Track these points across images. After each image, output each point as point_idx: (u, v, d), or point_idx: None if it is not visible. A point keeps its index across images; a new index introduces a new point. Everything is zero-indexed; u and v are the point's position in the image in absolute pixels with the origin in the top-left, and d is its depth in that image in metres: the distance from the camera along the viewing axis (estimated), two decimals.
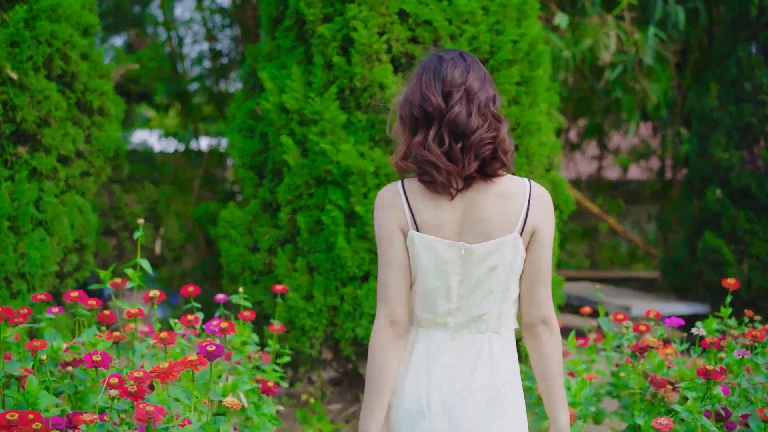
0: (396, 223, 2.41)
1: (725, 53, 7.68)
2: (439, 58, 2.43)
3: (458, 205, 2.37)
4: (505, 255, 2.37)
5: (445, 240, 2.37)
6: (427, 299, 2.42)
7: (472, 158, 2.35)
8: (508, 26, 4.85)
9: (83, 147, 4.98)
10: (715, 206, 7.48)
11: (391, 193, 2.42)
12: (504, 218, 2.36)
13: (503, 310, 2.42)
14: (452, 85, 2.37)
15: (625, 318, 3.94)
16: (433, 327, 2.43)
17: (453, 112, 2.35)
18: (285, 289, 3.87)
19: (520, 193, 2.38)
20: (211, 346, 2.64)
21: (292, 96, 4.82)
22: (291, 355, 4.90)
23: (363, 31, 4.65)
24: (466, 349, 2.41)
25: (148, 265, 3.75)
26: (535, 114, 4.89)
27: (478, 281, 2.38)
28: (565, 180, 5.34)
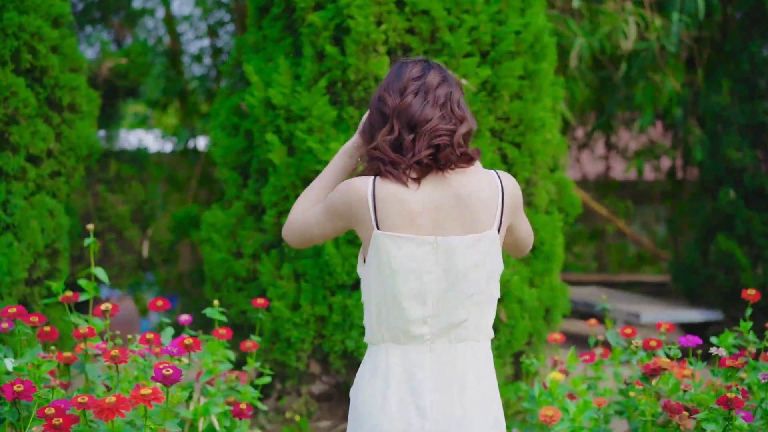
0: (349, 217, 2.24)
1: (738, 49, 7.35)
2: (402, 63, 2.36)
3: (429, 198, 2.20)
4: (487, 251, 2.22)
5: (414, 236, 2.19)
6: (396, 307, 2.21)
7: (423, 146, 2.21)
8: (511, 16, 4.53)
9: (54, 146, 4.66)
10: (728, 208, 7.14)
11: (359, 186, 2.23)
12: (483, 212, 2.22)
13: (484, 314, 2.26)
14: (409, 80, 2.29)
15: (634, 332, 3.61)
16: (406, 341, 2.22)
17: (405, 101, 2.25)
18: (266, 303, 3.54)
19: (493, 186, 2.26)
20: (168, 369, 2.32)
21: (279, 90, 4.50)
22: (277, 368, 4.58)
23: (360, 20, 4.33)
24: (448, 363, 2.22)
25: (104, 274, 3.44)
26: (539, 110, 4.56)
27: (455, 280, 2.20)
28: (572, 181, 5.01)
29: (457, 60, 4.45)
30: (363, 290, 2.29)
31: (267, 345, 4.52)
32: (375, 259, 2.21)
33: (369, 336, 2.29)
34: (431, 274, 2.19)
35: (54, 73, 4.64)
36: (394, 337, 2.22)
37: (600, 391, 3.73)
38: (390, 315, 2.21)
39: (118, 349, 2.65)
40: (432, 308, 2.20)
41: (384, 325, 2.23)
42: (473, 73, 4.43)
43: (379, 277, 2.21)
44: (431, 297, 2.19)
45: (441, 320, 2.21)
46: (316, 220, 2.34)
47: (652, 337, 3.41)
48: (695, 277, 7.52)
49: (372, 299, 2.24)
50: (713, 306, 7.37)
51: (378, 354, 2.25)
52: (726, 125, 7.28)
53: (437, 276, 2.20)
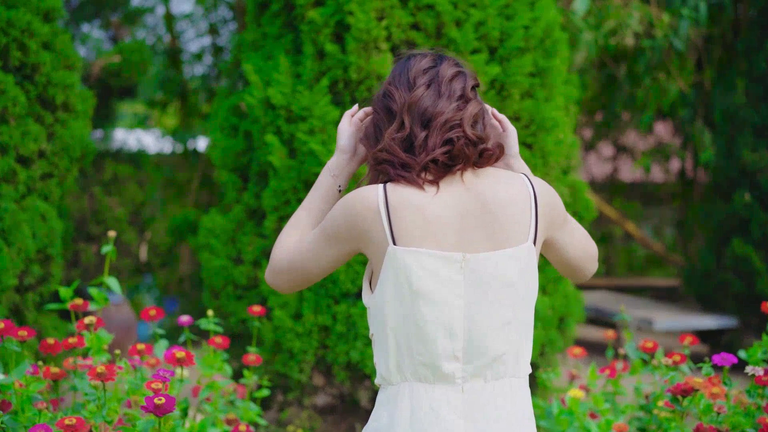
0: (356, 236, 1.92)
1: (752, 47, 7.15)
2: (409, 55, 2.06)
3: (451, 205, 1.89)
4: (524, 268, 1.90)
5: (438, 251, 1.86)
6: (421, 339, 1.86)
7: (438, 143, 1.90)
8: (520, 10, 4.33)
9: (45, 146, 4.47)
10: (743, 211, 6.94)
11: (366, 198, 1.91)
12: (514, 221, 1.91)
13: (523, 345, 1.93)
14: (419, 71, 1.99)
15: (656, 346, 3.39)
16: (434, 379, 1.88)
17: (416, 94, 1.94)
18: (263, 311, 3.34)
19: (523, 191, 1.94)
20: (160, 398, 2.11)
21: (279, 90, 4.30)
22: (278, 380, 4.39)
23: (360, 16, 4.13)
24: (485, 406, 1.87)
25: (116, 284, 3.26)
26: (552, 109, 4.37)
27: (490, 305, 1.87)
28: (586, 183, 4.81)
29: (464, 57, 4.25)
30: (373, 321, 1.94)
31: (268, 356, 4.33)
32: (391, 281, 1.87)
33: (384, 375, 1.92)
34: (460, 298, 1.87)
35: (46, 71, 4.45)
36: (419, 376, 1.88)
37: (621, 408, 3.52)
38: (413, 349, 1.87)
39: (104, 365, 2.45)
40: (463, 340, 1.87)
41: (406, 362, 1.88)
42: (481, 70, 4.23)
43: (396, 303, 1.87)
44: (461, 326, 1.87)
45: (474, 354, 1.87)
46: (312, 253, 1.97)
47: (674, 351, 3.21)
48: (709, 282, 7.31)
49: (388, 331, 1.89)
50: (728, 312, 7.17)
51: (398, 397, 1.89)
52: (740, 126, 7.08)
53: (468, 300, 1.87)
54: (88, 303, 3.05)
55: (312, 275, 2.00)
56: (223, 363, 3.12)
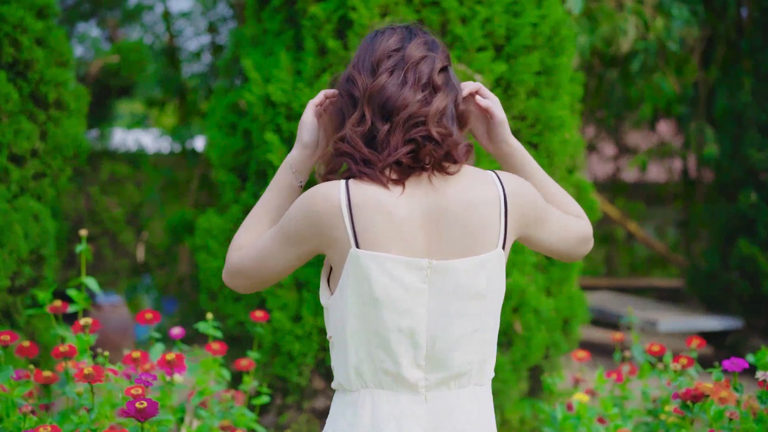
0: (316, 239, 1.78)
1: (758, 46, 7.05)
2: (376, 32, 1.89)
3: (418, 207, 1.76)
4: (492, 276, 1.79)
5: (403, 257, 1.74)
6: (382, 346, 1.76)
7: (400, 141, 1.75)
8: (527, 7, 4.23)
9: (38, 145, 4.37)
10: (749, 211, 6.84)
11: (328, 196, 1.77)
12: (483, 226, 1.78)
13: (488, 353, 1.83)
14: (384, 53, 1.82)
15: (662, 349, 3.30)
16: (396, 387, 1.77)
17: (378, 82, 1.79)
18: (266, 316, 3.24)
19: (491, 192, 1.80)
20: (141, 402, 2.01)
21: (279, 87, 4.21)
22: (278, 383, 4.29)
23: (363, 11, 4.03)
24: (448, 415, 1.78)
25: (95, 283, 3.17)
26: (558, 108, 4.27)
27: (456, 315, 1.77)
28: (591, 183, 4.72)
29: (470, 54, 4.15)
30: (331, 324, 1.83)
31: (267, 359, 4.23)
32: (353, 285, 1.75)
33: (343, 381, 1.81)
34: (424, 307, 1.76)
35: (39, 68, 4.36)
36: (380, 383, 1.78)
37: (628, 413, 3.43)
38: (374, 356, 1.76)
39: (93, 367, 2.35)
40: (426, 349, 1.77)
41: (366, 368, 1.77)
42: (487, 68, 4.13)
43: (357, 309, 1.76)
44: (425, 335, 1.76)
45: (438, 364, 1.78)
46: (270, 253, 1.83)
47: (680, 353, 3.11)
48: (714, 283, 7.22)
49: (348, 336, 1.78)
50: (733, 313, 7.08)
51: (358, 404, 1.78)
52: (746, 125, 6.98)
53: (432, 310, 1.76)
54: (67, 305, 2.96)
55: (271, 276, 1.87)
56: (221, 368, 3.02)
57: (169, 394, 2.67)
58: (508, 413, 4.31)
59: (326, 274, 1.86)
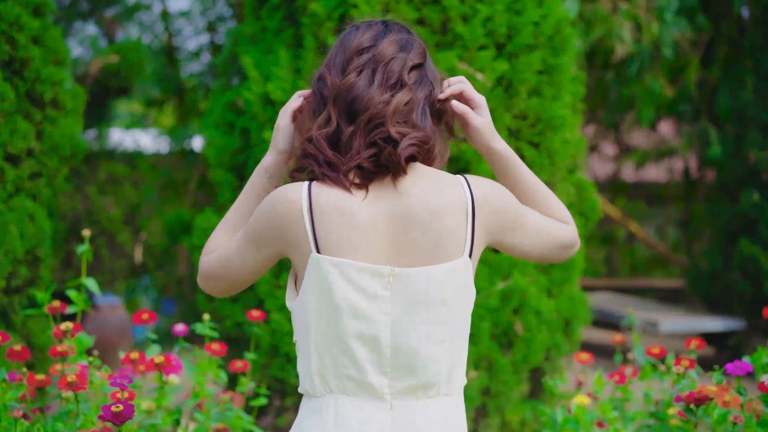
0: (279, 242, 1.74)
1: (759, 45, 7.01)
2: (352, 27, 1.84)
3: (381, 212, 1.71)
4: (458, 284, 1.73)
5: (364, 263, 1.70)
6: (345, 353, 1.72)
7: (362, 145, 1.71)
8: (529, 6, 4.19)
9: (35, 145, 4.33)
10: (751, 211, 6.80)
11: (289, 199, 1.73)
12: (448, 233, 1.72)
13: (456, 361, 1.78)
14: (355, 51, 1.77)
15: (663, 352, 3.25)
16: (359, 393, 1.73)
17: (346, 81, 1.74)
18: (263, 316, 3.19)
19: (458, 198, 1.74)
20: (118, 405, 1.98)
21: (279, 85, 4.16)
22: (276, 385, 4.25)
23: (364, 8, 3.99)
24: (414, 424, 1.73)
25: (95, 284, 3.13)
26: (559, 107, 4.23)
27: (419, 325, 1.72)
28: (592, 183, 4.68)
29: (471, 53, 4.11)
30: (296, 328, 1.79)
31: (265, 360, 4.19)
32: (314, 290, 1.71)
33: (307, 386, 1.78)
34: (387, 315, 1.70)
35: (35, 66, 4.31)
36: (344, 389, 1.73)
37: (630, 415, 3.39)
38: (338, 361, 1.72)
39: (76, 374, 2.31)
40: (391, 358, 1.72)
41: (330, 373, 1.73)
42: (489, 67, 4.09)
43: (319, 314, 1.72)
44: (388, 344, 1.71)
45: (404, 373, 1.73)
46: (235, 254, 1.80)
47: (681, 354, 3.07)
48: (715, 283, 7.18)
49: (311, 341, 1.74)
50: (734, 314, 7.04)
51: (322, 410, 1.74)
52: (747, 124, 6.94)
53: (395, 318, 1.71)
54: (66, 305, 2.92)
55: (240, 279, 1.84)
56: (219, 370, 2.98)
57: (164, 396, 2.63)
58: (508, 415, 4.27)
59: (293, 276, 1.82)
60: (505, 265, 4.14)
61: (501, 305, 4.15)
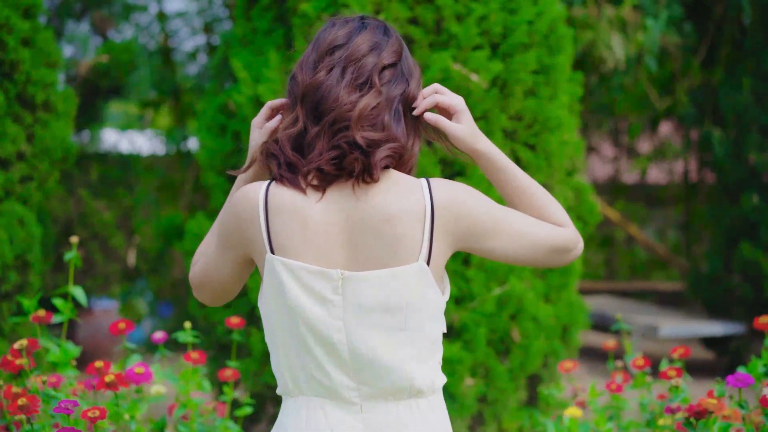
0: (242, 242, 1.72)
1: (759, 46, 6.94)
2: (329, 23, 1.79)
3: (337, 214, 1.68)
4: (413, 289, 1.67)
5: (313, 266, 1.66)
6: (309, 354, 1.68)
7: (325, 146, 1.66)
8: (523, 4, 4.12)
9: (25, 148, 4.27)
10: (752, 213, 6.72)
11: (248, 198, 1.70)
12: (402, 238, 1.67)
13: (424, 365, 1.72)
14: (328, 48, 1.71)
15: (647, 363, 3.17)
16: (329, 396, 1.70)
17: (315, 79, 1.68)
18: (242, 323, 3.13)
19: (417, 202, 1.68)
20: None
21: (269, 87, 4.10)
22: (268, 392, 4.18)
23: (356, 8, 3.93)
24: (386, 427, 1.70)
25: (82, 293, 3.06)
26: (556, 108, 4.16)
27: (373, 329, 1.67)
28: (590, 186, 4.61)
29: (465, 53, 4.04)
30: (265, 326, 1.77)
31: (257, 367, 4.12)
32: (271, 291, 1.69)
33: (282, 386, 1.76)
34: (340, 320, 1.67)
35: (25, 68, 4.25)
36: (314, 390, 1.70)
37: (624, 425, 3.31)
38: (304, 362, 1.69)
39: (28, 397, 2.24)
40: (351, 362, 1.68)
41: (300, 375, 1.70)
42: (484, 67, 4.02)
43: (279, 315, 1.70)
44: (345, 349, 1.68)
45: (367, 378, 1.69)
46: (212, 261, 1.78)
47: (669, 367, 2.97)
48: (716, 287, 7.10)
49: (278, 342, 1.72)
50: (735, 318, 6.96)
51: (295, 410, 1.72)
52: (747, 125, 6.87)
53: (348, 323, 1.67)
54: (51, 315, 2.85)
55: (223, 287, 1.81)
56: (202, 378, 2.92)
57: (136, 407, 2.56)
58: (505, 423, 4.20)
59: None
60: (501, 271, 4.07)
61: (497, 311, 4.08)
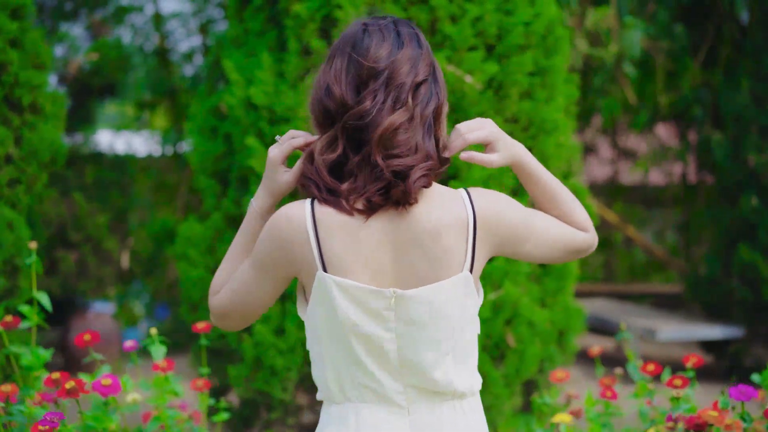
0: (288, 264, 1.72)
1: (759, 46, 6.88)
2: (363, 28, 1.76)
3: (383, 232, 1.71)
4: (458, 299, 1.75)
5: (367, 286, 1.71)
6: (357, 364, 1.75)
7: (370, 178, 1.68)
8: (520, 5, 4.06)
9: (13, 151, 4.20)
10: (751, 215, 6.66)
11: (293, 219, 1.71)
12: (447, 251, 1.72)
13: (465, 368, 1.81)
14: (371, 71, 1.70)
15: (658, 369, 3.11)
16: (377, 401, 1.76)
17: (362, 108, 1.67)
18: (208, 327, 3.06)
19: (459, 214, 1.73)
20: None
21: (261, 89, 4.04)
22: (260, 398, 4.12)
23: (350, 9, 3.87)
24: (432, 428, 1.77)
25: (47, 299, 3.01)
26: (553, 110, 4.10)
27: (422, 340, 1.75)
28: (587, 189, 4.55)
29: (460, 54, 3.98)
30: (309, 337, 1.81)
31: (249, 373, 4.06)
32: (321, 306, 1.73)
33: (326, 394, 1.81)
34: (392, 332, 1.73)
35: (13, 70, 4.18)
36: (362, 397, 1.77)
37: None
38: (352, 373, 1.75)
39: None
40: (400, 369, 1.76)
41: (347, 383, 1.77)
42: (478, 68, 3.96)
43: (328, 328, 1.74)
44: (396, 357, 1.75)
45: (414, 383, 1.76)
46: (246, 287, 1.78)
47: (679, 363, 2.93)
48: (714, 289, 7.03)
49: (324, 352, 1.77)
50: (734, 321, 6.89)
51: (342, 416, 1.78)
52: (746, 126, 6.81)
53: (400, 335, 1.74)
54: (19, 320, 2.81)
55: (253, 311, 1.83)
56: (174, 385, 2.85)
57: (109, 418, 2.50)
58: (501, 429, 4.14)
59: (301, 287, 1.82)
60: (496, 275, 4.01)
61: (492, 316, 4.02)
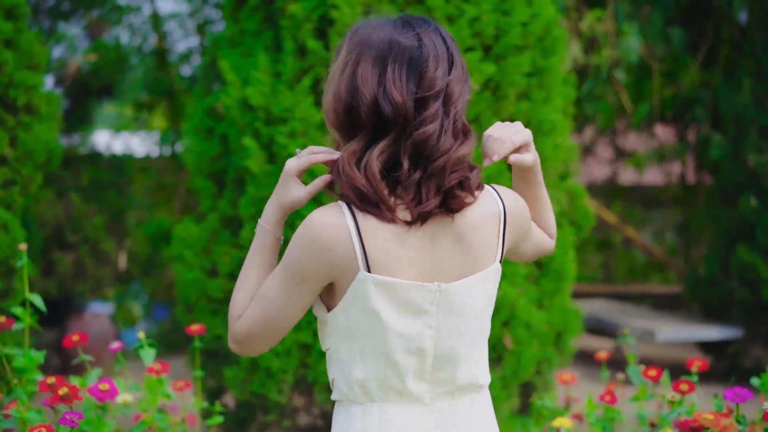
0: (328, 270, 1.71)
1: (759, 46, 6.86)
2: (417, 40, 1.72)
3: (424, 232, 1.74)
4: (491, 290, 1.82)
5: (411, 282, 1.72)
6: (389, 365, 1.76)
7: (432, 191, 1.69)
8: (517, 5, 4.05)
9: (7, 152, 4.18)
10: (750, 216, 6.64)
11: (334, 223, 1.69)
12: (484, 244, 1.79)
13: (484, 359, 1.89)
14: (431, 89, 1.70)
15: (659, 374, 3.10)
16: (401, 400, 1.79)
17: (426, 130, 1.68)
18: (202, 330, 3.04)
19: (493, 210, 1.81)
20: None
21: (258, 89, 4.02)
22: (256, 400, 4.10)
23: (346, 9, 3.85)
24: (455, 424, 1.82)
25: (41, 301, 3.00)
26: (550, 111, 4.08)
27: (460, 332, 1.79)
28: (584, 190, 4.53)
29: None
30: (332, 337, 1.79)
31: (244, 375, 4.04)
32: (359, 306, 1.72)
33: (348, 394, 1.80)
34: (432, 328, 1.76)
35: (7, 71, 4.16)
36: (387, 397, 1.78)
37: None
38: (381, 373, 1.76)
39: None
40: (433, 365, 1.78)
41: (373, 384, 1.77)
42: (476, 69, 3.94)
43: (364, 329, 1.74)
44: (431, 353, 1.77)
45: (443, 378, 1.80)
46: (277, 305, 1.74)
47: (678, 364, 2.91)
48: (713, 290, 7.01)
49: (355, 353, 1.76)
50: (733, 322, 6.87)
51: (365, 416, 1.79)
52: (746, 127, 6.79)
53: (439, 329, 1.77)
54: (12, 322, 2.80)
55: (284, 328, 1.79)
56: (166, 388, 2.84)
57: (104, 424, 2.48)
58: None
59: (328, 294, 1.81)
60: None
61: None
